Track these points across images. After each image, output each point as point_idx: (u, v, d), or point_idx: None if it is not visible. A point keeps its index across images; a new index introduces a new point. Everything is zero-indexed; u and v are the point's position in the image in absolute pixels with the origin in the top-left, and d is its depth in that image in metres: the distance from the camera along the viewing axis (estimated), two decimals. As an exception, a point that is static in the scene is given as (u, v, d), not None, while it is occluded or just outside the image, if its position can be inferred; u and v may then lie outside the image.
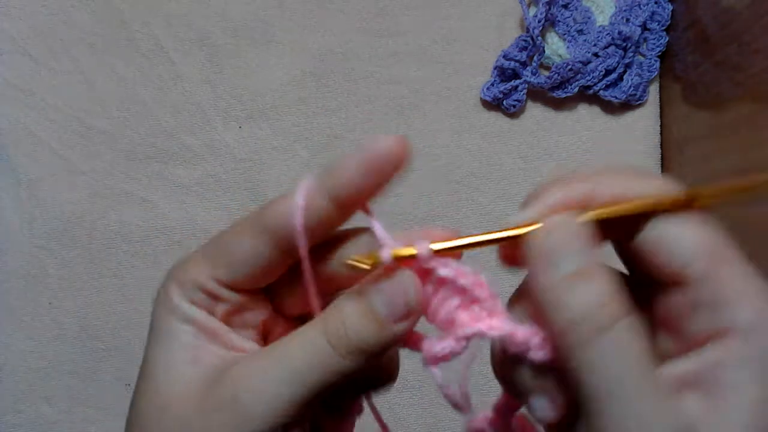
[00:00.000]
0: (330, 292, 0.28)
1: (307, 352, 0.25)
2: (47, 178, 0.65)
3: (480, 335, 0.25)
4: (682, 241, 0.24)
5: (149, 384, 0.27)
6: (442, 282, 0.25)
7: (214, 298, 0.27)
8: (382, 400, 0.29)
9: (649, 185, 0.25)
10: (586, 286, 0.22)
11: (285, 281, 0.28)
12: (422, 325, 0.26)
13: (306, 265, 0.26)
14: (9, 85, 0.65)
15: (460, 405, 0.26)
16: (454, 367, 0.26)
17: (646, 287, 0.25)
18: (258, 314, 0.29)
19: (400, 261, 0.25)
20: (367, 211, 0.26)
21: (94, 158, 0.65)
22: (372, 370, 0.27)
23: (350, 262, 0.25)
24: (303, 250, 0.25)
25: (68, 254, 0.64)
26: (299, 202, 0.25)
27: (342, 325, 0.25)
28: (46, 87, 0.66)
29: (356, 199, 0.25)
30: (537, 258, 0.23)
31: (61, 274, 0.64)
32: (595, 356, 0.22)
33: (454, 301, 0.25)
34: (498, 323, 0.25)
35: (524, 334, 0.24)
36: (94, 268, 0.64)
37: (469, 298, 0.25)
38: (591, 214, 0.24)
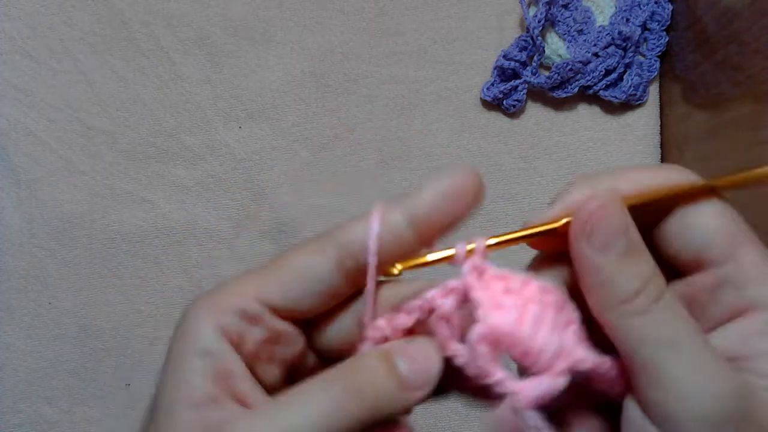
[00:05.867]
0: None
1: (323, 405, 0.23)
2: (47, 178, 0.65)
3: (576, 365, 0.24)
4: (702, 226, 0.25)
5: (151, 427, 0.25)
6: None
7: (253, 321, 0.25)
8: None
9: (669, 177, 0.26)
10: (636, 264, 0.24)
11: (329, 313, 0.26)
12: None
13: (370, 290, 0.25)
14: (9, 85, 0.65)
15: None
16: None
17: (670, 275, 0.26)
18: (290, 349, 0.26)
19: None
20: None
21: (94, 158, 0.65)
22: None
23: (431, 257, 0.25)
24: (371, 276, 0.24)
25: (68, 254, 0.64)
26: (374, 224, 0.24)
27: (362, 383, 0.23)
28: (46, 87, 0.66)
29: (437, 227, 0.25)
30: (587, 239, 0.24)
31: (61, 274, 0.64)
32: (649, 327, 0.23)
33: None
34: (584, 352, 0.24)
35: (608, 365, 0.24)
36: (94, 268, 0.64)
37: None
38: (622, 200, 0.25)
